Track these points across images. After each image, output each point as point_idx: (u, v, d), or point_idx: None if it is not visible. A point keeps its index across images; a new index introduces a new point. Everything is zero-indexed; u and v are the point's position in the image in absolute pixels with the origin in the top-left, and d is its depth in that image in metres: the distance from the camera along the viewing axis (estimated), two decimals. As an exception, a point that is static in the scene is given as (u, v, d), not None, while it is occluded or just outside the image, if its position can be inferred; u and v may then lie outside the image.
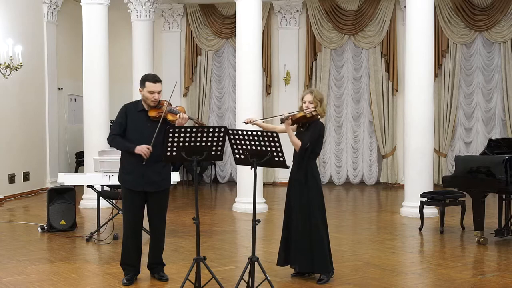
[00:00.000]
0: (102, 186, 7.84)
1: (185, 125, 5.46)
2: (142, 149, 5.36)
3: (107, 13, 10.56)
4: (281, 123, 5.60)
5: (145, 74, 5.72)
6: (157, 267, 5.75)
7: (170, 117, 5.47)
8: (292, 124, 5.71)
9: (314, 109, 5.64)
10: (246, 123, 5.73)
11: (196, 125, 5.56)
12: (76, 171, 13.66)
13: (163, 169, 5.58)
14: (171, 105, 5.54)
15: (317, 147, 5.71)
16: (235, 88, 11.97)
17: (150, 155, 5.36)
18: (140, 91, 5.57)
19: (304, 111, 5.65)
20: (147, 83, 5.50)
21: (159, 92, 5.52)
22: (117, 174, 7.20)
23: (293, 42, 13.94)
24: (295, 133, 5.73)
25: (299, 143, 5.60)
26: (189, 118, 5.52)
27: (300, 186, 5.65)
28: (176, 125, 5.38)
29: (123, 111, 5.62)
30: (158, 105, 5.53)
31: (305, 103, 5.68)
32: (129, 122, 5.55)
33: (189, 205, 10.72)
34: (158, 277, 5.69)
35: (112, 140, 5.58)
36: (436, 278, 5.85)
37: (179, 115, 5.41)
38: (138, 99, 5.73)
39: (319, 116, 5.70)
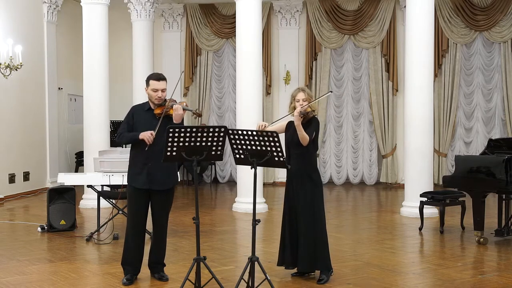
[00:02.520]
0: (102, 186, 7.84)
1: (184, 117, 5.47)
2: (146, 135, 5.38)
3: (107, 13, 10.56)
4: (300, 116, 5.53)
5: (150, 74, 5.79)
6: (157, 267, 5.75)
7: (172, 112, 5.48)
8: (303, 120, 5.67)
9: (308, 106, 5.66)
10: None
11: (194, 115, 5.60)
12: (76, 171, 13.65)
13: (169, 167, 5.58)
14: (175, 101, 5.55)
15: (317, 142, 5.77)
16: (235, 88, 11.97)
17: (156, 153, 5.34)
18: (146, 90, 5.62)
19: (312, 109, 5.66)
20: (150, 81, 5.55)
21: (163, 90, 5.54)
22: (117, 174, 7.24)
23: (293, 42, 13.94)
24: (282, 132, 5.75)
25: (307, 137, 5.58)
26: (186, 109, 5.50)
27: (305, 183, 5.63)
28: (173, 118, 5.39)
29: (130, 112, 5.70)
30: (164, 103, 5.55)
31: (298, 101, 5.70)
32: (137, 122, 5.58)
33: (189, 205, 10.72)
34: (158, 277, 5.70)
35: (119, 136, 5.64)
36: (436, 278, 5.85)
37: (173, 106, 5.42)
38: (146, 101, 5.75)
39: (314, 112, 5.74)
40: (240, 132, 5.06)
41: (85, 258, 6.77)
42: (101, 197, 7.83)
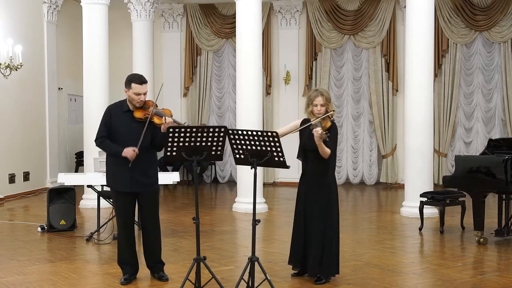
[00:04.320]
0: (102, 186, 7.84)
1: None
2: (128, 152, 5.34)
3: (107, 13, 10.55)
4: (322, 140, 5.35)
5: (131, 74, 5.59)
6: (156, 267, 5.74)
7: (156, 120, 5.38)
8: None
9: (332, 111, 5.54)
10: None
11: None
12: (76, 171, 13.66)
13: (150, 170, 5.56)
14: (157, 107, 5.45)
15: (336, 148, 5.67)
16: (235, 88, 11.97)
17: (137, 157, 5.34)
18: (126, 92, 5.47)
19: (328, 117, 5.49)
20: (133, 85, 5.41)
21: (145, 94, 5.44)
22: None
23: (293, 42, 13.94)
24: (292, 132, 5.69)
25: (329, 151, 5.45)
26: (176, 122, 5.37)
27: (321, 189, 5.57)
28: (161, 129, 5.31)
29: (107, 112, 5.57)
30: (144, 106, 5.46)
31: (316, 106, 5.54)
32: (115, 123, 5.49)
33: (189, 205, 10.72)
34: (158, 277, 5.69)
35: (100, 143, 5.55)
36: (436, 278, 5.85)
37: (164, 119, 5.33)
38: (122, 99, 5.64)
39: (332, 117, 5.61)
40: (240, 132, 5.06)
41: (85, 258, 6.77)
42: (101, 197, 7.84)
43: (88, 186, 7.97)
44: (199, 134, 4.98)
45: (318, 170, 5.60)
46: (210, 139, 5.03)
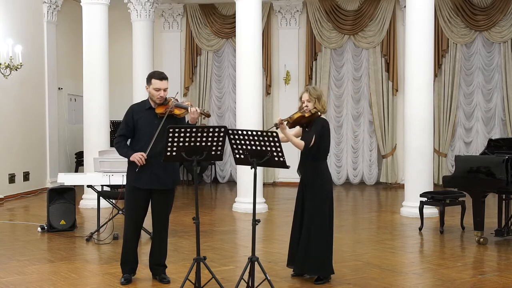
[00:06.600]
0: (102, 186, 7.84)
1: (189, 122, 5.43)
2: (136, 157, 5.35)
3: (107, 13, 10.55)
4: (276, 129, 5.45)
5: (152, 71, 5.71)
6: (159, 269, 5.70)
7: (176, 111, 5.43)
8: (293, 126, 5.71)
9: (313, 107, 5.63)
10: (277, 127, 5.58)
11: (203, 116, 5.52)
12: (76, 171, 13.65)
13: (171, 167, 5.54)
14: (177, 101, 5.51)
15: (325, 145, 5.67)
16: (235, 88, 11.98)
17: (158, 152, 5.30)
18: (147, 88, 5.54)
19: (301, 111, 5.65)
20: (153, 80, 5.48)
21: (165, 90, 5.48)
22: (117, 174, 7.23)
23: (293, 42, 13.94)
24: (299, 137, 5.73)
25: (301, 143, 5.55)
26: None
27: (310, 189, 5.63)
28: (189, 120, 5.36)
29: (129, 111, 5.62)
30: (165, 102, 5.50)
31: (303, 102, 5.69)
32: (137, 122, 5.53)
33: (189, 205, 10.71)
34: (159, 279, 5.65)
35: (116, 143, 5.60)
36: (436, 278, 5.86)
37: (189, 109, 5.35)
38: (144, 99, 5.71)
39: (319, 113, 5.68)
40: (240, 132, 5.06)
41: (85, 258, 6.77)
42: (101, 197, 7.83)
43: (88, 186, 7.96)
44: (199, 134, 4.98)
45: (305, 171, 5.68)
46: (210, 139, 5.02)
